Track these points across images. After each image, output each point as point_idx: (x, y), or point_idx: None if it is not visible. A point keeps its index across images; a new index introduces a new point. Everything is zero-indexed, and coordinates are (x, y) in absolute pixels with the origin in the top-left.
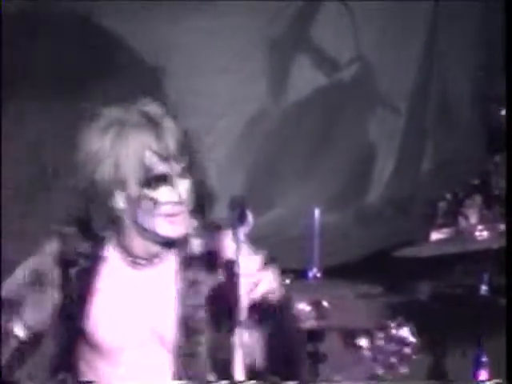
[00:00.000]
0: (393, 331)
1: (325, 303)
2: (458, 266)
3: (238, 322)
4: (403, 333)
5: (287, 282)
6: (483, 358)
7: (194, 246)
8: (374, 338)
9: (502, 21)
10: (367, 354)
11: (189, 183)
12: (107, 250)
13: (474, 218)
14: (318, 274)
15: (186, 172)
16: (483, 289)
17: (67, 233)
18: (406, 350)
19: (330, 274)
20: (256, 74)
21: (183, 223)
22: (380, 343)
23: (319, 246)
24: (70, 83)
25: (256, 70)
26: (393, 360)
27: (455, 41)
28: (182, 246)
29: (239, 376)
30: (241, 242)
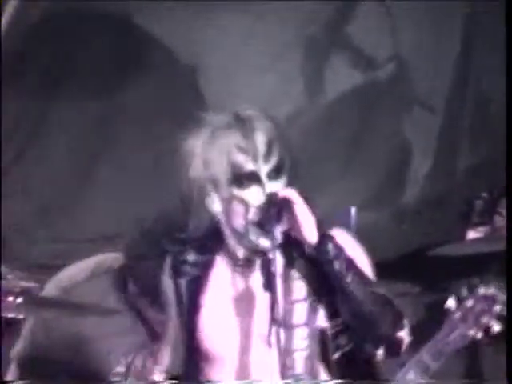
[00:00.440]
0: (481, 290)
1: None
2: (494, 265)
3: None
4: (491, 291)
5: None
6: None
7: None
8: (461, 300)
9: None
10: (456, 315)
11: (279, 185)
12: (213, 257)
13: None
14: None
15: (275, 173)
16: None
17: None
18: (496, 307)
19: None
20: (293, 73)
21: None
22: (469, 304)
23: None
24: (106, 82)
25: (293, 69)
26: (484, 320)
27: (492, 41)
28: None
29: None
30: (276, 240)
